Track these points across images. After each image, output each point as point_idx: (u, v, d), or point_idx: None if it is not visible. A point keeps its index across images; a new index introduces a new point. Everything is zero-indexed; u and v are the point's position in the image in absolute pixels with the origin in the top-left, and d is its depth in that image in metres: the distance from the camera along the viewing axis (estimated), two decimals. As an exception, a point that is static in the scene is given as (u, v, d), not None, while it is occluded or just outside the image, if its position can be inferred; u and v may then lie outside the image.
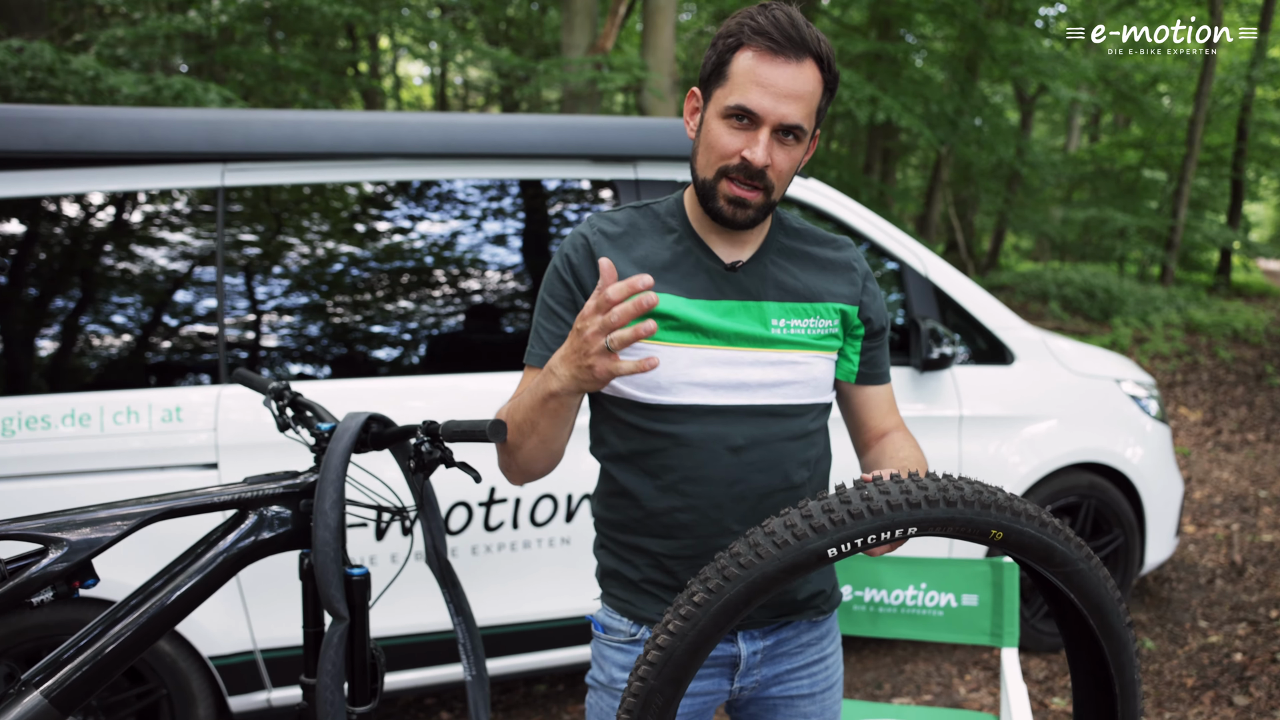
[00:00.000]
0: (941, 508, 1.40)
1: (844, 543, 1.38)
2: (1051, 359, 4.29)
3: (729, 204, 1.66)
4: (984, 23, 13.78)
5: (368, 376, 3.37)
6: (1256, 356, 11.94)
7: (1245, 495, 6.79)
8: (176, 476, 3.09)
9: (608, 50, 10.68)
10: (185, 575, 1.89)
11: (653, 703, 1.43)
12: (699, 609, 1.39)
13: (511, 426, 1.67)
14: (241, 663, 3.22)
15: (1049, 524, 1.47)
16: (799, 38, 1.58)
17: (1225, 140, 20.72)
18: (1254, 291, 21.00)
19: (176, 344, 3.24)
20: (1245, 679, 4.05)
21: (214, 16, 9.84)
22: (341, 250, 3.45)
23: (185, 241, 3.26)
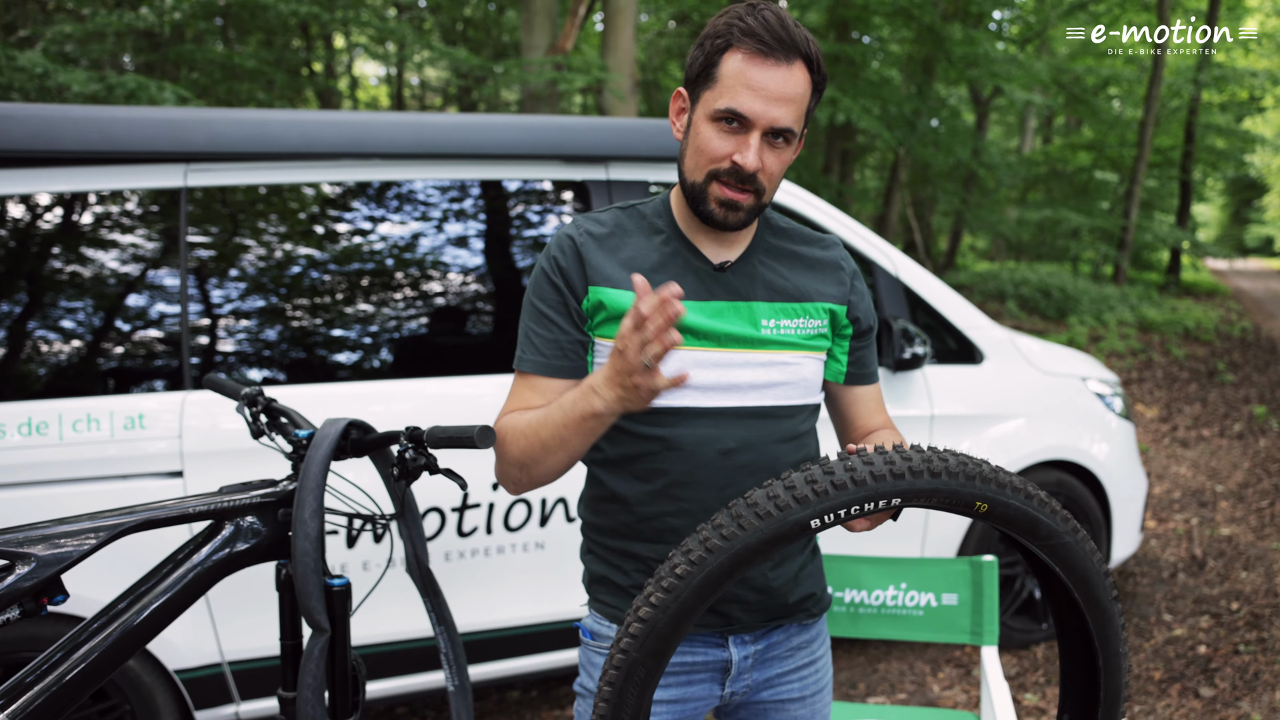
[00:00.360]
0: (926, 479, 1.37)
1: (827, 513, 1.36)
2: (1019, 358, 4.33)
3: (720, 206, 1.64)
4: (940, 25, 13.93)
5: (332, 381, 3.31)
6: (1208, 354, 12.17)
7: (1203, 490, 6.91)
8: (140, 486, 2.99)
9: (568, 51, 10.65)
10: (159, 590, 1.82)
11: (635, 675, 1.41)
12: (681, 581, 1.38)
13: (533, 442, 1.62)
14: (208, 676, 3.14)
15: (1034, 496, 1.46)
16: (789, 39, 1.56)
17: (1174, 142, 21.16)
18: (1203, 290, 21.43)
19: (138, 349, 3.15)
20: (1210, 671, 4.12)
21: (167, 14, 9.65)
22: (307, 253, 3.38)
23: (147, 244, 3.18)
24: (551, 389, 1.71)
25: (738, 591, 1.74)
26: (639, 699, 1.42)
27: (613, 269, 1.69)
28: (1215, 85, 18.94)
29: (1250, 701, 3.85)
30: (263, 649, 3.16)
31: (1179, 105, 20.18)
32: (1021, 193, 21.76)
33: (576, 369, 1.72)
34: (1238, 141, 21.96)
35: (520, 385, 1.74)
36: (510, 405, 1.74)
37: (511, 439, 1.65)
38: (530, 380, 1.73)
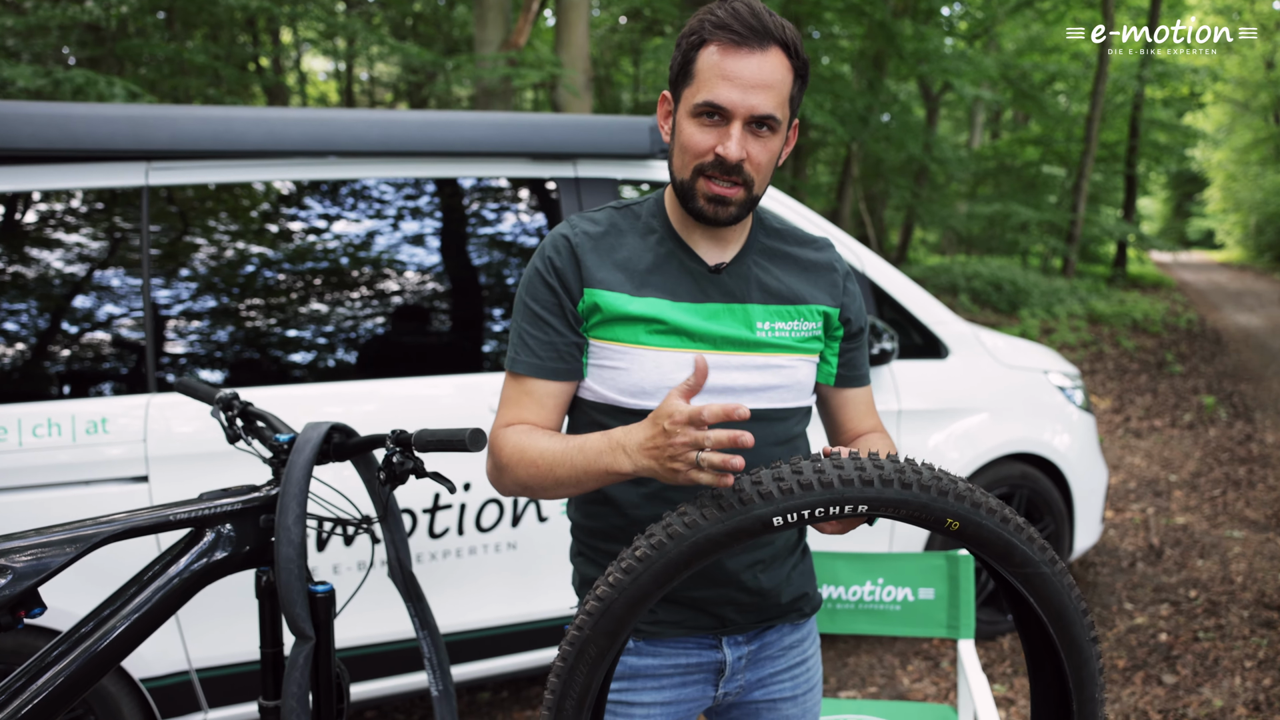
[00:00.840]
0: (895, 489, 1.36)
1: (790, 513, 1.34)
2: (983, 352, 4.37)
3: (709, 202, 1.62)
4: (891, 21, 14.04)
5: (293, 383, 3.25)
6: (1156, 345, 12.41)
7: (1157, 480, 7.03)
8: (104, 491, 2.92)
9: (521, 46, 10.57)
10: (138, 602, 1.78)
11: (586, 653, 1.40)
12: (640, 564, 1.37)
13: (545, 476, 1.59)
14: (176, 684, 3.07)
15: (1011, 520, 1.43)
16: (760, 26, 1.55)
17: (1119, 137, 21.54)
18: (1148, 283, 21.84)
19: (100, 351, 3.08)
20: (1172, 658, 4.19)
21: (114, 7, 9.44)
22: (272, 253, 3.32)
23: (108, 244, 3.11)
24: (547, 392, 1.69)
25: (731, 593, 1.74)
26: (589, 676, 1.40)
27: (608, 271, 1.68)
28: (1158, 81, 19.32)
29: (1211, 687, 3.92)
30: (231, 656, 3.10)
31: (1123, 101, 20.54)
32: (971, 187, 22.02)
33: (573, 371, 1.70)
34: (1179, 136, 22.41)
35: (515, 389, 1.71)
36: (508, 413, 1.71)
37: (519, 463, 1.62)
38: (525, 383, 1.70)
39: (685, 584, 1.72)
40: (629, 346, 1.66)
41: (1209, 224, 43.59)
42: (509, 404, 1.71)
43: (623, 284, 1.67)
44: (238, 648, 3.08)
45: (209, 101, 12.50)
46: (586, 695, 1.42)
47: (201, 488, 2.70)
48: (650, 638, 1.75)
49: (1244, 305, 18.57)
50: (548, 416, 1.70)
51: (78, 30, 11.19)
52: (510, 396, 1.71)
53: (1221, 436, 8.28)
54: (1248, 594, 4.84)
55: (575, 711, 1.43)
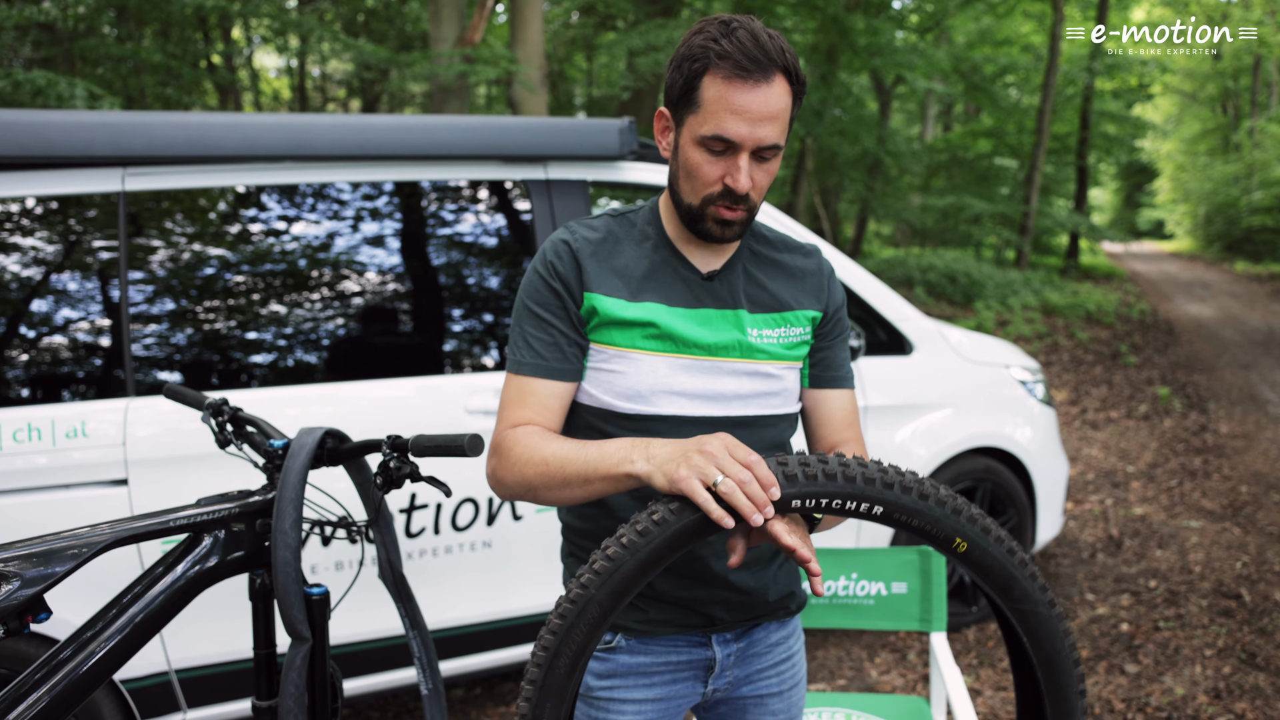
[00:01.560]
0: (913, 498, 1.37)
1: (807, 499, 1.35)
2: (947, 348, 4.41)
3: (718, 225, 1.65)
4: (843, 15, 14.11)
5: (256, 387, 3.26)
6: (1110, 336, 12.57)
7: (1115, 471, 7.13)
8: (84, 494, 2.94)
9: (476, 43, 10.52)
10: (136, 609, 1.80)
11: (589, 612, 1.39)
12: (612, 563, 1.38)
13: (554, 477, 1.59)
14: (155, 685, 3.09)
15: (1018, 554, 1.43)
16: (765, 56, 1.54)
17: (1070, 129, 21.80)
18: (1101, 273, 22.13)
19: (79, 356, 3.09)
20: (1134, 648, 4.25)
21: (70, 7, 9.28)
22: (246, 256, 3.33)
23: (85, 249, 3.11)
24: (551, 392, 1.70)
25: (720, 593, 1.77)
26: (587, 636, 1.40)
27: (606, 276, 1.70)
28: (1107, 73, 19.58)
29: (1173, 676, 3.98)
30: (210, 656, 3.12)
31: (1074, 93, 20.81)
32: (925, 180, 22.21)
33: (575, 371, 1.72)
34: (1129, 128, 22.74)
35: (518, 391, 1.71)
36: (511, 415, 1.71)
37: (526, 464, 1.61)
38: (528, 385, 1.70)
39: (675, 584, 1.75)
40: (626, 350, 1.69)
41: (1159, 214, 44.38)
42: (512, 406, 1.71)
43: (620, 289, 1.70)
44: (216, 648, 3.10)
45: (164, 100, 12.33)
46: (582, 657, 1.42)
47: (180, 490, 2.78)
48: (641, 636, 1.78)
49: (1195, 295, 18.90)
50: (551, 418, 1.71)
51: (34, 30, 11.01)
52: (512, 399, 1.72)
53: (1176, 427, 8.42)
54: (1206, 583, 4.92)
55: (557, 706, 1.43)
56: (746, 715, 1.89)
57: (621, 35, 14.28)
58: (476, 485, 3.39)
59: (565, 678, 1.40)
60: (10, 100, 7.81)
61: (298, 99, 20.50)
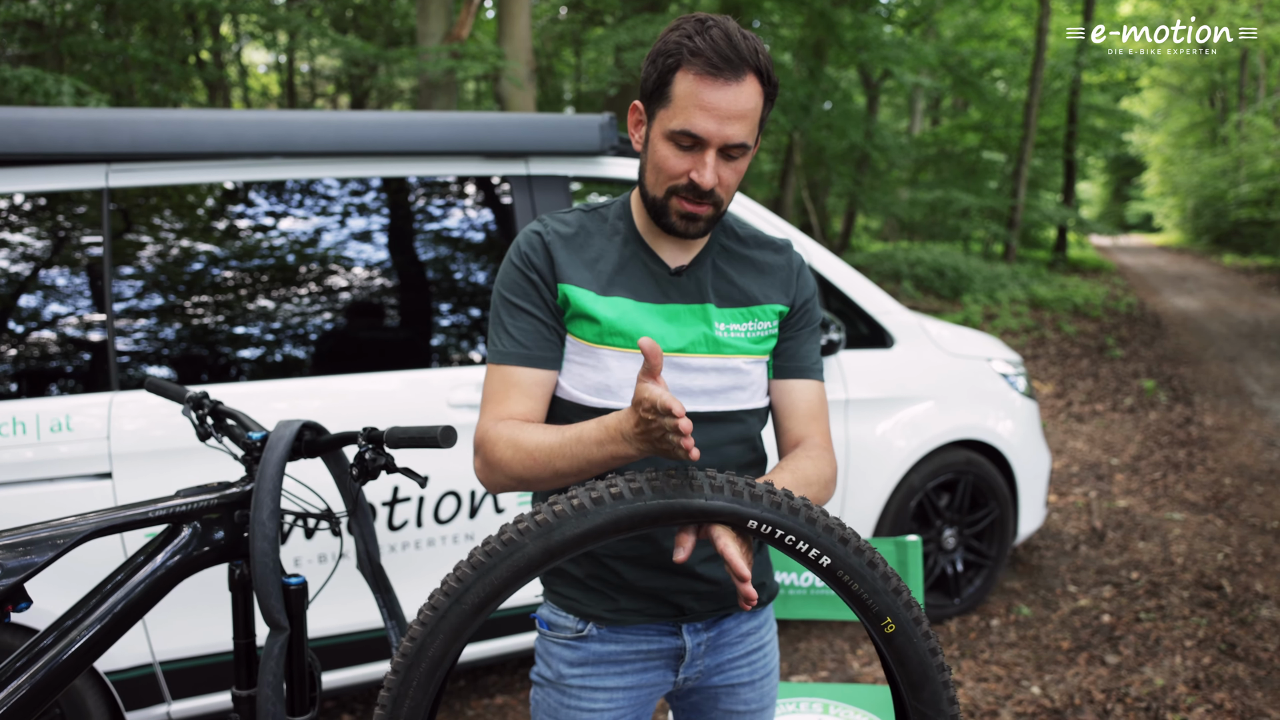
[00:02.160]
0: (862, 562, 1.38)
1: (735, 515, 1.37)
2: (928, 341, 4.43)
3: (681, 219, 1.68)
4: (830, 10, 14.11)
5: (243, 381, 3.30)
6: (1097, 330, 12.61)
7: (1099, 464, 7.16)
8: (69, 488, 2.98)
9: (464, 38, 10.51)
10: (116, 597, 1.84)
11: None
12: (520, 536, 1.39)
13: (543, 470, 1.61)
14: (139, 676, 3.11)
15: (940, 656, 1.43)
16: (737, 56, 1.57)
17: (1057, 122, 21.83)
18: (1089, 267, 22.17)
19: (63, 351, 3.12)
20: (1115, 639, 4.28)
21: (58, 4, 9.27)
22: (228, 251, 3.36)
23: (69, 245, 3.14)
24: (534, 380, 1.72)
25: (689, 583, 1.79)
26: (505, 583, 1.40)
27: (577, 269, 1.73)
28: (1094, 67, 19.62)
29: (1153, 666, 4.01)
30: (194, 648, 3.14)
31: (1061, 86, 20.84)
32: (913, 174, 22.23)
33: (556, 360, 1.74)
34: (1117, 121, 22.78)
35: (499, 382, 1.73)
36: (495, 409, 1.72)
37: (514, 459, 1.63)
38: (511, 374, 1.72)
39: (643, 575, 1.77)
40: (594, 346, 1.71)
41: (1147, 207, 44.46)
42: (494, 399, 1.72)
43: (590, 282, 1.72)
44: (200, 640, 3.13)
45: (152, 97, 12.32)
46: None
47: (163, 483, 2.77)
48: (612, 624, 1.80)
49: (1183, 289, 18.96)
50: (534, 407, 1.72)
51: (21, 28, 10.98)
52: (495, 391, 1.73)
53: (1162, 420, 8.46)
54: (1188, 575, 4.96)
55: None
56: (719, 704, 1.92)
57: (609, 31, 14.27)
58: (459, 478, 3.41)
59: (469, 616, 1.39)
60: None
61: (286, 95, 20.44)
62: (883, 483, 4.22)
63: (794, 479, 1.65)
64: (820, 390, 1.88)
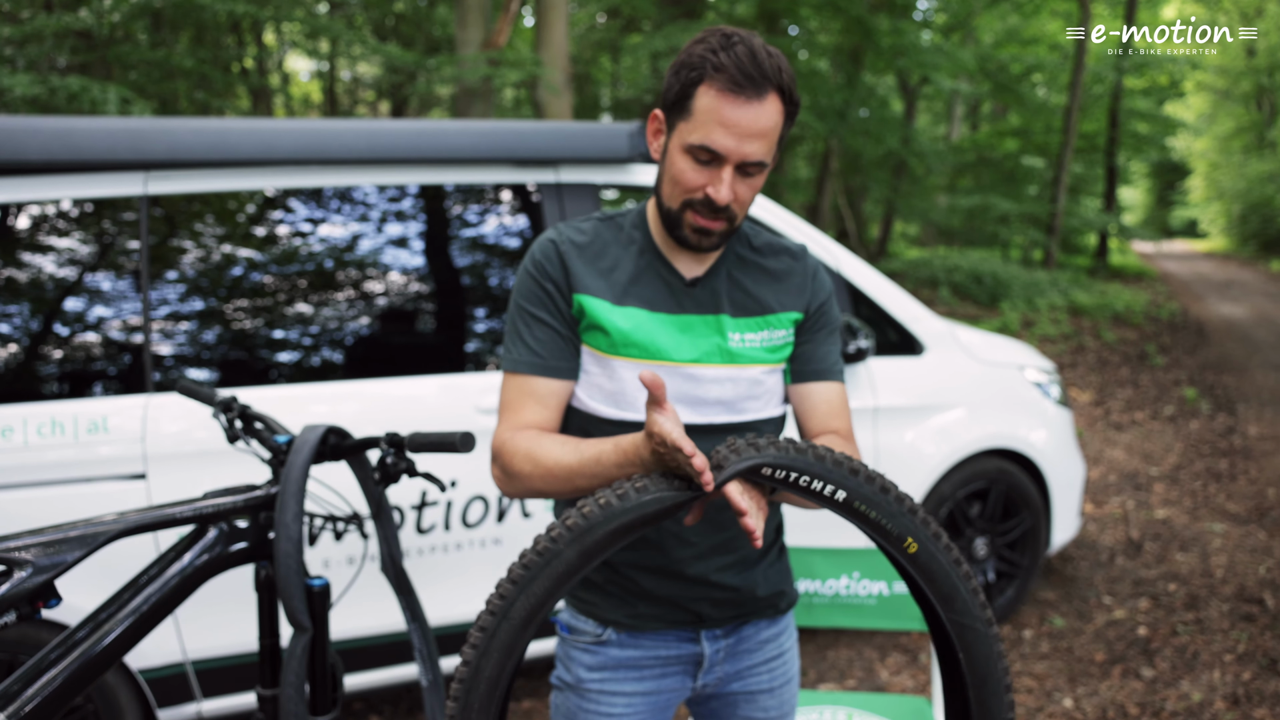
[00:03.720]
0: (874, 489, 1.40)
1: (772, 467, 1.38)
2: (959, 348, 4.39)
3: (694, 233, 1.68)
4: (868, 16, 14.05)
5: (284, 383, 3.34)
6: (1138, 337, 12.44)
7: (1137, 473, 7.06)
8: (104, 489, 3.03)
9: (501, 46, 10.57)
10: (146, 595, 1.90)
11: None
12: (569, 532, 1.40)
13: (564, 485, 1.61)
14: (171, 675, 3.16)
15: (964, 565, 1.45)
16: (760, 74, 1.56)
17: (1098, 128, 21.57)
18: (1130, 273, 21.87)
19: (102, 354, 3.18)
20: (1150, 652, 4.21)
21: (106, 14, 9.47)
22: (263, 257, 3.42)
23: (109, 250, 3.22)
24: (550, 390, 1.73)
25: (706, 591, 1.80)
26: (548, 592, 1.40)
27: (592, 278, 1.73)
28: (1137, 71, 19.37)
29: (1190, 681, 3.94)
30: (224, 647, 3.19)
31: (1102, 91, 20.60)
32: (951, 180, 22.06)
33: (572, 369, 1.75)
34: (1160, 126, 22.48)
35: (516, 392, 1.73)
36: (511, 418, 1.72)
37: (533, 473, 1.63)
38: (527, 383, 1.73)
39: (658, 583, 1.78)
40: (608, 356, 1.72)
41: (1192, 213, 43.73)
42: (511, 408, 1.73)
43: (605, 291, 1.72)
44: (231, 639, 3.17)
45: (196, 104, 12.52)
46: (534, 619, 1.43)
47: (197, 485, 2.86)
48: (631, 630, 1.82)
49: (1228, 295, 18.66)
50: (550, 417, 1.73)
51: (71, 38, 11.22)
52: (511, 400, 1.74)
53: (1203, 429, 8.33)
54: (1228, 587, 4.87)
55: (488, 695, 1.43)
56: (738, 711, 1.92)
57: (645, 38, 14.30)
58: (487, 483, 3.44)
59: (518, 631, 1.40)
60: (46, 105, 7.99)
61: (328, 102, 20.65)
62: (912, 491, 4.18)
63: None
64: (841, 391, 1.86)
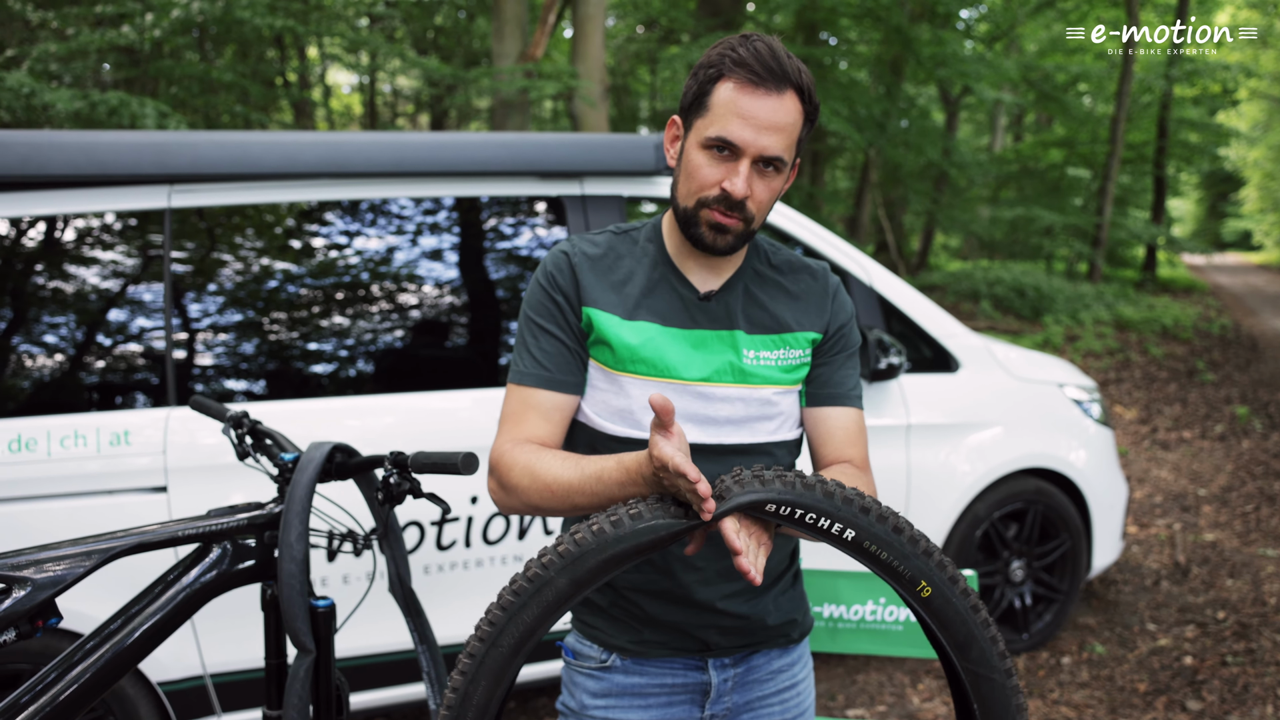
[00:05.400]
0: (886, 529, 1.34)
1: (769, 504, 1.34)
2: (996, 365, 4.27)
3: (710, 229, 1.64)
4: (908, 26, 13.91)
5: (312, 397, 3.36)
6: (1187, 353, 12.15)
7: (1185, 494, 6.84)
8: (125, 501, 3.05)
9: (538, 58, 10.63)
10: (149, 612, 1.90)
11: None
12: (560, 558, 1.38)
13: (561, 502, 1.58)
14: (191, 688, 3.17)
15: (982, 612, 1.39)
16: (780, 69, 1.56)
17: (1147, 138, 21.18)
18: (1180, 287, 21.47)
19: (124, 367, 3.22)
20: (1197, 683, 4.04)
21: (147, 30, 9.68)
22: (287, 270, 3.45)
23: (132, 263, 3.25)
24: (553, 405, 1.70)
25: (712, 618, 1.75)
26: (538, 620, 1.38)
27: (603, 291, 1.71)
28: (1187, 80, 19.00)
29: (1240, 716, 3.77)
30: (244, 662, 3.19)
31: (1151, 100, 20.23)
32: (993, 191, 21.81)
33: (577, 384, 1.72)
34: (1211, 135, 22.04)
35: (518, 403, 1.71)
36: (512, 430, 1.70)
37: (531, 488, 1.60)
38: (530, 396, 1.70)
39: (663, 608, 1.74)
40: (616, 373, 1.69)
41: (1245, 224, 42.89)
42: (512, 420, 1.71)
43: (616, 305, 1.70)
44: (250, 654, 3.18)
45: (236, 118, 12.69)
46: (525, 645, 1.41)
47: (218, 498, 2.91)
48: (636, 656, 1.77)
49: (1280, 309, 18.24)
50: (552, 431, 1.70)
51: (114, 54, 11.43)
52: (514, 411, 1.71)
53: (1255, 449, 8.06)
54: None
55: None
56: None
57: (683, 49, 14.27)
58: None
59: (508, 658, 1.38)
60: (88, 120, 8.16)
61: (368, 115, 20.86)
62: (945, 511, 4.06)
63: None
64: (858, 417, 1.81)
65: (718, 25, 13.87)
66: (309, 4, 11.65)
